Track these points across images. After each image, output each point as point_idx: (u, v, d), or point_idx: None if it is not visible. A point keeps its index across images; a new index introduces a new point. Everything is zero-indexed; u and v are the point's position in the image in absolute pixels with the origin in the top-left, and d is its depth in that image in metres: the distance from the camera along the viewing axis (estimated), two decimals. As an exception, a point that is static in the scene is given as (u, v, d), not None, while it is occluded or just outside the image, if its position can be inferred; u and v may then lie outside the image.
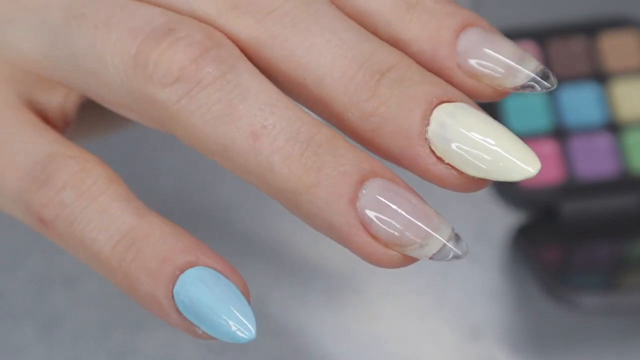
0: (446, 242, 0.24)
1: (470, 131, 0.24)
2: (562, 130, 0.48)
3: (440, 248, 0.24)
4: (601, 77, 0.49)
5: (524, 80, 0.25)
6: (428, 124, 0.24)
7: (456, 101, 0.24)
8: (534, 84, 0.25)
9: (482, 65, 0.25)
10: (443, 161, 0.24)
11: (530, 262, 0.44)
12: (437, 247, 0.24)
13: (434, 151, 0.24)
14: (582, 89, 0.48)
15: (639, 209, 0.46)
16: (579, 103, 0.48)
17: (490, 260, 0.46)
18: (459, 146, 0.24)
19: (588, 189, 0.46)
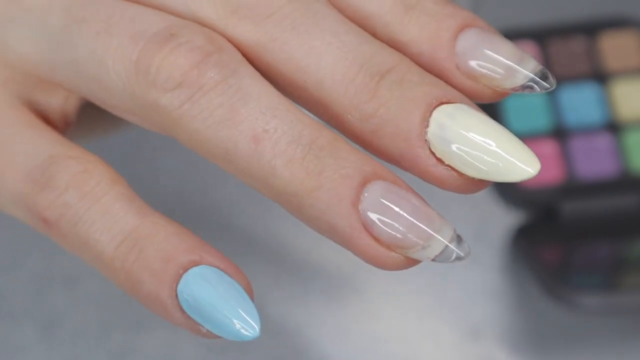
0: (448, 244, 0.24)
1: (469, 132, 0.24)
2: (562, 130, 0.48)
3: (442, 249, 0.24)
4: (601, 77, 0.48)
5: (523, 80, 0.25)
6: (427, 126, 0.24)
7: (455, 102, 0.24)
8: (533, 85, 0.25)
9: (481, 66, 0.25)
10: (443, 162, 0.24)
11: (530, 262, 0.44)
12: (440, 249, 0.24)
13: (434, 152, 0.24)
14: (582, 89, 0.48)
15: (639, 209, 0.46)
16: (579, 103, 0.48)
17: (490, 260, 0.46)
18: (459, 147, 0.24)
19: (588, 189, 0.46)
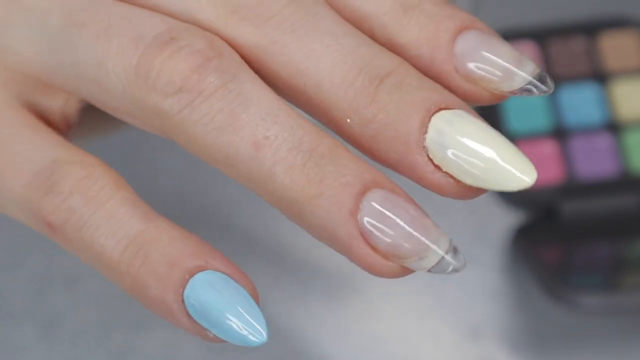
0: (445, 255, 0.24)
1: (467, 139, 0.24)
2: (562, 130, 0.48)
3: (438, 260, 0.24)
4: (601, 77, 0.48)
5: (521, 83, 0.25)
6: (426, 132, 0.24)
7: (454, 108, 0.24)
8: (531, 88, 0.25)
9: (480, 68, 0.25)
10: (441, 169, 0.24)
11: (530, 262, 0.44)
12: (436, 260, 0.24)
13: (432, 159, 0.24)
14: (582, 89, 0.48)
15: (639, 209, 0.46)
16: (579, 103, 0.48)
17: (490, 260, 0.46)
18: (456, 154, 0.24)
19: (588, 189, 0.46)
